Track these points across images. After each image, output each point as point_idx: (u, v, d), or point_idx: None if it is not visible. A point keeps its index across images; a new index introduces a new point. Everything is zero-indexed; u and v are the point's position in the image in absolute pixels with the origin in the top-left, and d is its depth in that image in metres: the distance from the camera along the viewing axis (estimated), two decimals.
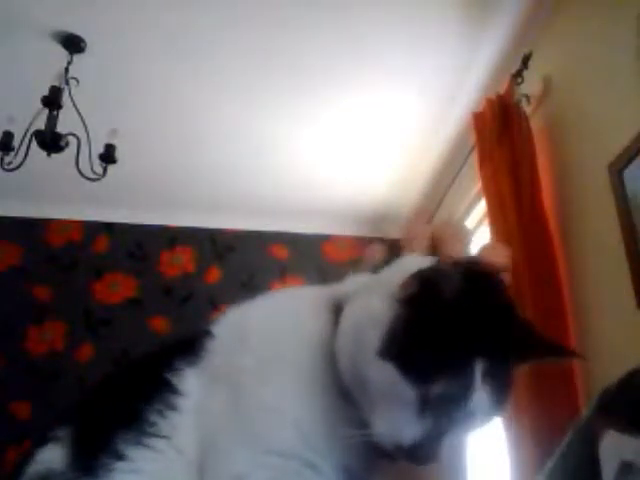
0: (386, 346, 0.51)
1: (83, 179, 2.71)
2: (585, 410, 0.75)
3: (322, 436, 0.54)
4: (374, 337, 0.52)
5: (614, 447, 0.64)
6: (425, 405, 0.50)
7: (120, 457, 0.52)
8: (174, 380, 0.55)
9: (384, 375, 0.51)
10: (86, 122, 2.64)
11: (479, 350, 0.50)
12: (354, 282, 0.61)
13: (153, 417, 0.53)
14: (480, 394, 0.50)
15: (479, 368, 0.50)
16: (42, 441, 0.55)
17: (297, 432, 0.54)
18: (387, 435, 0.51)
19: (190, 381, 0.55)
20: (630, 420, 0.65)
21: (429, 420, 0.50)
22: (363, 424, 0.52)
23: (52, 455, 0.54)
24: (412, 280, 0.53)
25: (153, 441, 0.52)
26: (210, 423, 0.54)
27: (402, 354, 0.51)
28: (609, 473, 0.63)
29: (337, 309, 0.58)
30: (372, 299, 0.55)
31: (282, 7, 2.40)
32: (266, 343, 0.58)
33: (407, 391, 0.50)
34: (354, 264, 0.64)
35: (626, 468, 0.61)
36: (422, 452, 0.50)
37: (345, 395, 0.54)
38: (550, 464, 0.74)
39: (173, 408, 0.54)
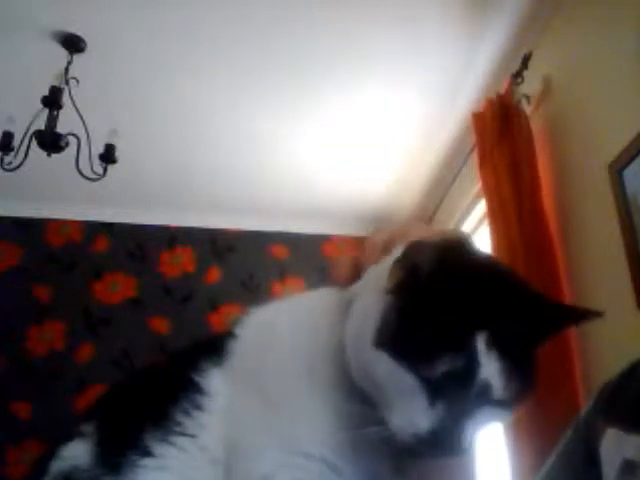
0: (378, 336, 0.52)
1: (83, 179, 2.71)
2: (585, 406, 0.75)
3: (346, 441, 0.54)
4: (370, 331, 0.53)
5: (616, 445, 0.64)
6: (434, 389, 0.50)
7: (147, 454, 0.53)
8: (200, 381, 0.56)
9: (383, 366, 0.51)
10: (86, 122, 2.64)
11: (477, 321, 0.50)
12: (361, 281, 0.61)
13: (180, 416, 0.54)
14: (488, 366, 0.49)
15: (481, 339, 0.49)
16: (66, 437, 0.57)
17: (322, 436, 0.55)
18: (404, 427, 0.51)
19: (216, 381, 0.57)
20: (632, 418, 0.65)
21: (442, 404, 0.50)
22: (383, 423, 0.52)
23: (77, 451, 0.55)
24: (394, 269, 0.53)
25: (179, 439, 0.54)
26: (237, 423, 0.55)
27: (394, 341, 0.51)
28: (610, 471, 0.63)
29: (347, 311, 0.59)
30: (367, 296, 0.56)
31: (282, 7, 2.40)
32: (288, 350, 0.59)
33: (407, 377, 0.50)
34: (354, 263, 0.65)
35: (628, 467, 0.61)
36: (443, 440, 0.50)
37: (364, 397, 0.55)
38: (550, 460, 0.73)
39: (199, 408, 0.55)
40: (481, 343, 0.49)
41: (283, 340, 0.60)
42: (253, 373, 0.57)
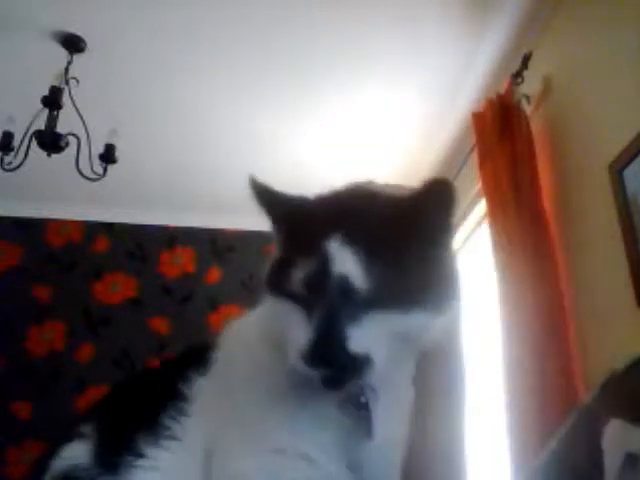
0: (265, 283, 0.58)
1: (83, 179, 2.71)
2: (588, 394, 0.75)
3: (314, 430, 0.57)
4: None
5: (619, 437, 0.63)
6: (307, 303, 0.52)
7: (141, 455, 0.57)
8: (186, 389, 0.61)
9: (272, 307, 0.56)
10: (86, 122, 2.64)
11: (328, 227, 0.53)
12: None
13: (168, 421, 0.59)
14: (342, 259, 0.51)
15: (335, 239, 0.52)
16: (66, 438, 0.61)
17: (290, 429, 0.57)
18: (294, 353, 0.52)
19: (199, 389, 0.61)
20: (637, 410, 0.64)
21: (316, 313, 0.51)
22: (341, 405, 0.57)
23: (77, 451, 0.59)
24: None
25: (168, 442, 0.58)
26: (215, 427, 0.58)
27: (271, 279, 0.57)
28: (613, 464, 0.62)
29: None
30: None
31: (282, 7, 2.40)
32: (249, 354, 0.62)
33: (285, 304, 0.54)
34: None
35: (631, 460, 0.61)
36: (325, 349, 0.50)
37: None
38: (551, 446, 0.73)
39: (184, 414, 0.59)
40: (334, 242, 0.52)
41: (244, 345, 0.63)
42: (226, 380, 0.61)
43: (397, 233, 0.54)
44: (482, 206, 2.64)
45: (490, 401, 2.36)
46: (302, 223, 0.56)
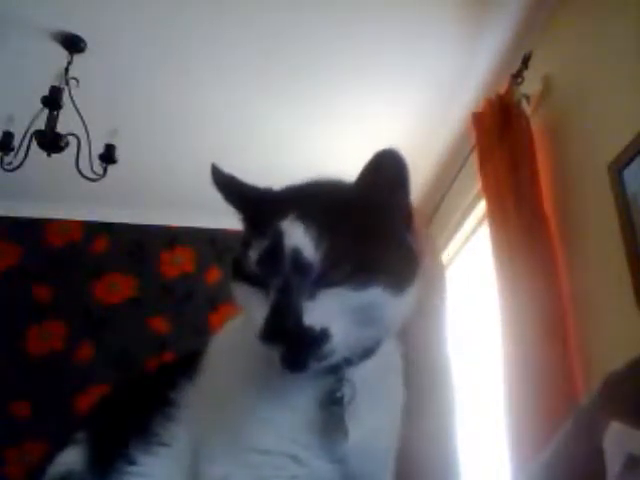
0: (231, 272, 0.58)
1: (83, 179, 2.71)
2: (588, 395, 0.74)
3: (297, 428, 0.57)
4: None
5: (620, 439, 0.63)
6: (263, 282, 0.53)
7: (132, 462, 0.57)
8: (175, 396, 0.60)
9: (236, 292, 0.58)
10: (86, 122, 2.64)
11: (283, 208, 0.54)
12: None
13: (157, 428, 0.59)
14: (294, 232, 0.52)
15: (289, 218, 0.53)
16: (64, 444, 0.62)
17: (274, 429, 0.57)
18: (254, 336, 0.51)
19: (187, 395, 0.61)
20: (637, 411, 0.64)
21: (272, 289, 0.52)
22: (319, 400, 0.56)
23: (72, 457, 0.60)
24: None
25: (157, 448, 0.58)
26: (199, 431, 0.59)
27: (235, 266, 0.58)
28: (614, 465, 0.62)
29: None
30: None
31: (285, 10, 2.40)
32: (232, 355, 0.62)
33: (246, 286, 0.55)
34: None
35: (632, 462, 0.60)
36: (280, 323, 0.50)
37: None
38: (551, 447, 0.72)
39: (172, 420, 0.59)
40: (287, 221, 0.52)
41: (229, 346, 0.63)
42: (212, 383, 0.61)
43: (348, 210, 0.55)
44: (482, 206, 2.64)
45: (490, 401, 2.36)
46: (260, 208, 0.57)
